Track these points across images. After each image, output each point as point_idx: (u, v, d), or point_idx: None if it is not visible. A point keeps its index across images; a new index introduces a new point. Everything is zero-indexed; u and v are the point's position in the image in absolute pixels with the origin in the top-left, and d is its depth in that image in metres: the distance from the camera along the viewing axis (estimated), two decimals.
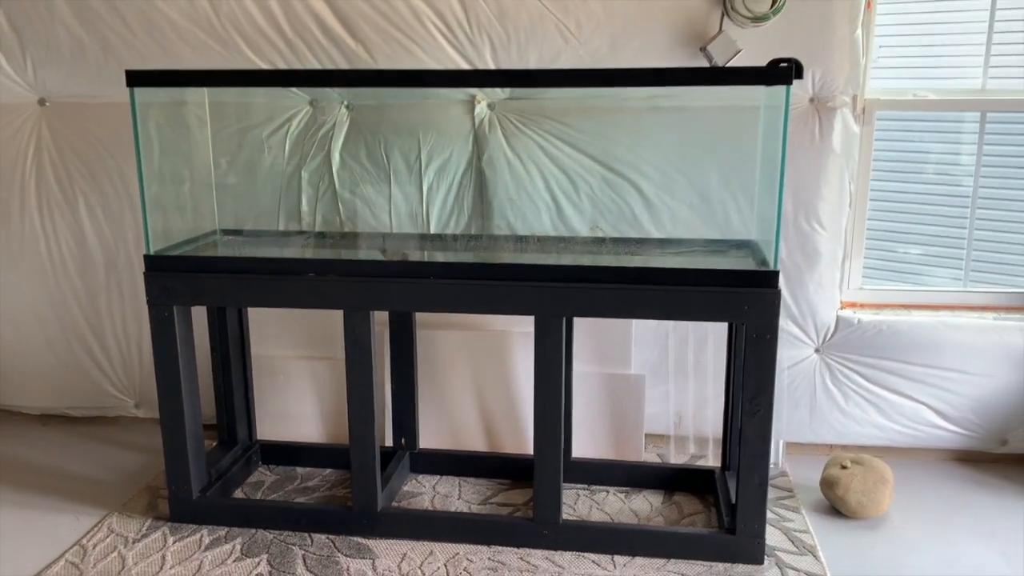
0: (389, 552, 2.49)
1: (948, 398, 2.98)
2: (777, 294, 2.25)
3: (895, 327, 2.94)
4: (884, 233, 3.08)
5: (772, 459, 3.00)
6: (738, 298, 2.26)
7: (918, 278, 3.10)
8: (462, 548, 2.50)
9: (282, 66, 2.92)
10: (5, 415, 3.49)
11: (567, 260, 2.69)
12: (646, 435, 3.08)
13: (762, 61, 2.41)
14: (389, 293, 2.39)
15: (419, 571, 2.39)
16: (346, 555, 2.47)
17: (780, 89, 2.21)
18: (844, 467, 2.72)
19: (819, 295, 2.95)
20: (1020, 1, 2.85)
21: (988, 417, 2.99)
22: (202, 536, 2.58)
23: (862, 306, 3.06)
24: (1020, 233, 2.99)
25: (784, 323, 2.97)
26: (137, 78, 2.41)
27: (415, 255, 2.81)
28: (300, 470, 3.01)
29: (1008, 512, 2.72)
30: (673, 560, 2.44)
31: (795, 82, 2.74)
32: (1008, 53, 2.89)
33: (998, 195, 2.99)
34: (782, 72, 2.16)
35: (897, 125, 3.01)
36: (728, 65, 2.69)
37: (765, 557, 2.44)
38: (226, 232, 2.95)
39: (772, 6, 2.67)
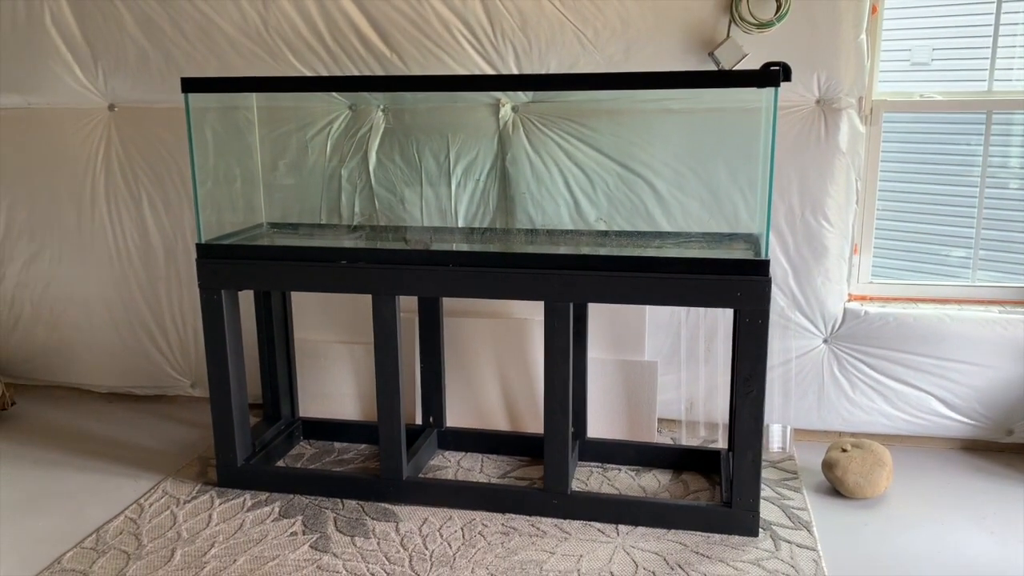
0: (412, 516, 2.72)
1: (954, 388, 3.09)
2: (768, 281, 2.41)
3: (901, 319, 3.06)
4: (893, 231, 3.21)
5: (780, 444, 3.15)
6: (731, 285, 2.43)
7: (927, 275, 3.21)
8: (478, 515, 2.72)
9: (324, 73, 3.18)
10: (77, 393, 3.84)
11: (574, 250, 2.89)
12: (660, 420, 3.26)
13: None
14: (412, 279, 2.62)
15: (438, 534, 2.61)
16: (373, 518, 2.71)
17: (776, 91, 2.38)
18: (844, 450, 2.86)
19: (827, 288, 3.09)
20: None
21: (994, 407, 3.09)
22: (245, 499, 2.84)
23: (871, 299, 3.18)
24: None
25: (792, 314, 3.12)
26: (191, 85, 2.69)
27: (436, 245, 3.04)
28: (338, 444, 3.27)
29: (1005, 498, 2.82)
30: (673, 530, 2.62)
31: (802, 85, 2.93)
32: (1013, 56, 3.00)
33: (1003, 194, 3.09)
34: (770, 75, 2.32)
35: (906, 127, 3.13)
36: (735, 69, 2.86)
37: (761, 530, 2.60)
38: (272, 225, 3.22)
39: (776, 13, 2.84)
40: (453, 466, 3.07)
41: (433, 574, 2.40)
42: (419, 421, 3.24)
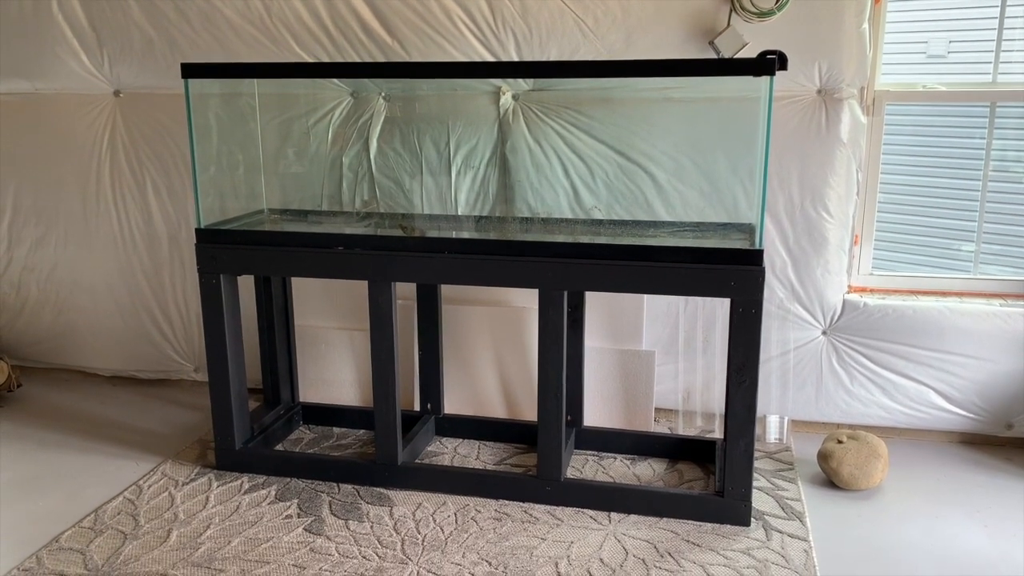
0: (406, 501, 2.74)
1: (953, 381, 3.07)
2: (761, 271, 2.40)
3: (900, 311, 3.05)
4: (895, 223, 3.19)
5: (777, 435, 3.15)
6: (725, 274, 2.43)
7: (928, 268, 3.19)
8: (472, 500, 2.73)
9: (326, 60, 3.19)
10: (81, 376, 3.88)
11: (567, 238, 2.89)
12: (657, 410, 3.26)
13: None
14: (407, 266, 2.64)
15: (431, 518, 2.63)
16: (367, 502, 2.73)
17: (777, 79, 2.37)
18: (840, 441, 2.85)
19: (826, 279, 3.08)
20: None
21: (993, 401, 3.07)
22: (243, 482, 2.87)
23: (872, 291, 3.17)
24: None
25: (791, 305, 3.11)
26: (191, 70, 2.71)
27: (432, 232, 3.05)
28: (336, 430, 3.29)
29: (1002, 492, 2.81)
30: (665, 519, 2.62)
31: (803, 74, 2.92)
32: (1018, 49, 2.97)
33: (1007, 187, 3.07)
34: (766, 63, 2.32)
35: (910, 119, 3.11)
36: (735, 57, 2.85)
37: (753, 520, 2.60)
38: (273, 211, 3.24)
39: (777, 2, 2.82)
40: (450, 452, 3.09)
41: (424, 558, 2.42)
42: (417, 408, 3.26)
